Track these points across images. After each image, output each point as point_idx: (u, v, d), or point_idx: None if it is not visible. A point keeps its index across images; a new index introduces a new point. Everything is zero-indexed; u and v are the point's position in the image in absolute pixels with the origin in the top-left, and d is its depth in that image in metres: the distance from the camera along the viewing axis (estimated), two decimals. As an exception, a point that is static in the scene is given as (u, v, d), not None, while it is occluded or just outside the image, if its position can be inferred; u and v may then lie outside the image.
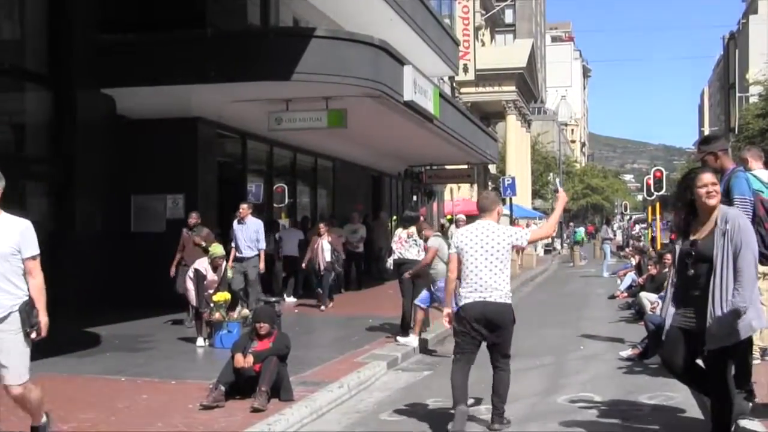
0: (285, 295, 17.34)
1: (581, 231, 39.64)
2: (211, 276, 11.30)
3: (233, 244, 13.65)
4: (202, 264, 11.37)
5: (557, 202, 7.65)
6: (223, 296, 11.24)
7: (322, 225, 16.57)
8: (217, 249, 11.51)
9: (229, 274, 12.30)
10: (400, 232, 12.56)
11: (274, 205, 20.41)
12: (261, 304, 10.72)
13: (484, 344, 7.20)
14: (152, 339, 11.77)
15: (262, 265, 13.56)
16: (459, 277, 6.98)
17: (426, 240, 11.83)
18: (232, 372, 7.69)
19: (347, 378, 8.80)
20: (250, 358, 7.71)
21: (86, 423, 6.91)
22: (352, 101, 15.30)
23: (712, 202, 5.64)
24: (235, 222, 13.78)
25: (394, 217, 27.86)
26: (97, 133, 14.76)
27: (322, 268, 16.09)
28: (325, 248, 16.05)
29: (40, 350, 9.62)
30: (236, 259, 13.51)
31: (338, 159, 23.88)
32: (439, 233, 11.90)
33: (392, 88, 15.32)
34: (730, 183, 6.79)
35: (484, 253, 6.90)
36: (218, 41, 14.57)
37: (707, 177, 5.69)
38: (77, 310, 13.04)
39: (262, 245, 13.67)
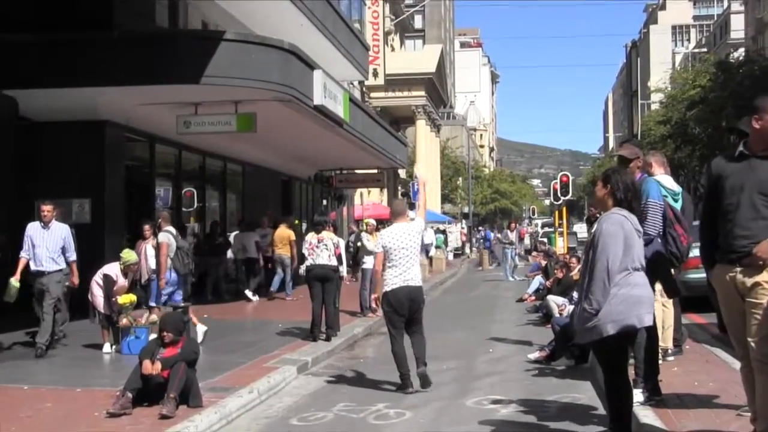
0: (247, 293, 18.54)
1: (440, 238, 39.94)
2: (121, 282, 11.15)
3: (24, 254, 10.97)
4: (113, 269, 11.20)
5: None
6: (129, 298, 11.12)
7: (146, 226, 12.96)
8: (130, 255, 11.38)
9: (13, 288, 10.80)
10: (311, 238, 12.62)
11: (183, 209, 20.20)
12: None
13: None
14: (57, 345, 11.50)
15: (75, 279, 11.20)
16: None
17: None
18: (139, 378, 7.62)
19: (257, 383, 8.81)
20: (158, 365, 7.67)
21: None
22: (262, 105, 15.27)
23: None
24: (35, 226, 11.09)
25: (297, 222, 27.82)
26: (-3, 135, 14.36)
27: (144, 277, 12.56)
28: (149, 254, 12.58)
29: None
30: (33, 274, 10.95)
31: (248, 163, 23.76)
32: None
33: (302, 92, 15.38)
34: (643, 188, 7.13)
35: (407, 249, 8.83)
36: (125, 43, 14.38)
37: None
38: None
39: (72, 256, 11.14)
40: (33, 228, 11.09)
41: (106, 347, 11.01)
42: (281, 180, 27.81)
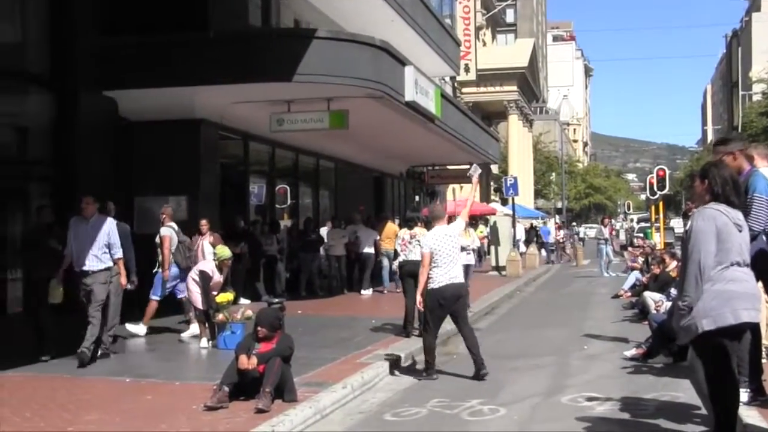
0: (362, 290, 19.12)
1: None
2: (217, 278, 11.34)
3: (68, 251, 10.24)
4: (208, 266, 11.42)
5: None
6: (226, 297, 11.29)
7: (204, 221, 13.10)
8: (224, 251, 11.56)
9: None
10: (403, 234, 12.60)
11: (277, 206, 20.47)
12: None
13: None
14: (156, 340, 11.82)
15: (123, 280, 10.43)
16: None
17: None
18: (235, 373, 7.72)
19: (351, 379, 8.84)
20: (254, 360, 7.75)
21: (91, 425, 6.95)
22: (354, 102, 15.35)
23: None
24: (76, 221, 10.34)
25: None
26: (99, 136, 14.81)
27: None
28: (206, 250, 12.55)
29: (45, 351, 9.75)
30: (77, 274, 10.13)
31: (340, 159, 23.93)
32: None
33: (393, 88, 15.37)
34: (750, 182, 6.84)
35: (449, 250, 9.50)
36: (220, 43, 14.62)
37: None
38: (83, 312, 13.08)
39: (118, 252, 10.29)
40: (74, 222, 10.25)
41: (203, 342, 11.21)
42: (373, 176, 27.93)
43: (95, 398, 8.01)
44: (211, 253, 12.10)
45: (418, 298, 9.63)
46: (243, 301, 15.54)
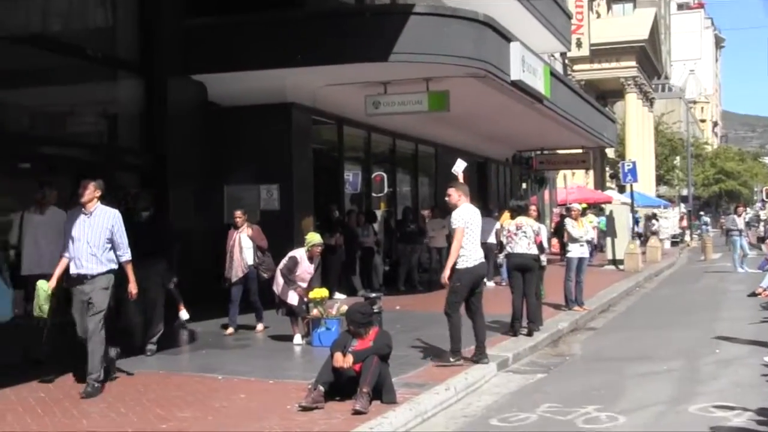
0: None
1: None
2: (305, 266, 11.53)
3: (66, 252, 8.73)
4: (298, 252, 11.62)
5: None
6: (320, 293, 11.49)
7: (239, 212, 12.75)
8: (314, 237, 11.72)
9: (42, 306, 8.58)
10: (508, 224, 12.61)
11: (373, 194, 20.65)
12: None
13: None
14: (249, 336, 12.17)
15: (132, 287, 8.91)
16: None
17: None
18: (331, 372, 7.88)
19: (454, 380, 8.91)
20: (350, 358, 7.90)
21: (184, 422, 7.26)
22: (455, 82, 15.35)
23: None
24: (75, 213, 8.84)
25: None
26: (188, 122, 15.29)
27: (239, 274, 12.38)
28: (244, 245, 12.43)
29: (136, 348, 10.19)
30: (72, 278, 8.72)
31: (441, 144, 23.92)
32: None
33: (498, 66, 15.31)
34: None
35: (477, 228, 10.07)
36: (312, 21, 14.85)
37: None
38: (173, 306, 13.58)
39: (125, 254, 8.77)
40: (72, 216, 8.81)
41: (297, 339, 11.47)
42: (476, 162, 27.82)
43: (188, 395, 8.34)
44: (249, 248, 12.30)
45: (446, 273, 9.80)
46: (338, 295, 15.82)
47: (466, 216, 9.95)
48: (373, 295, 11.46)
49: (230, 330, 12.32)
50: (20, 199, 10.80)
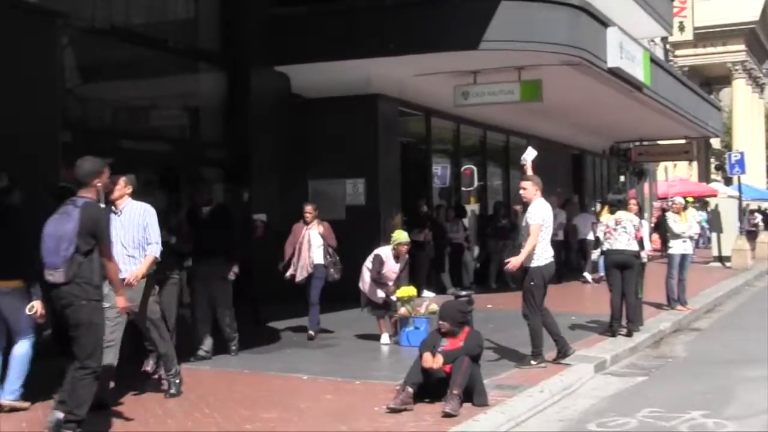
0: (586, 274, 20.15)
1: None
2: (391, 265, 11.49)
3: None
4: (384, 251, 11.60)
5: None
6: (408, 292, 11.47)
7: (309, 207, 12.17)
8: (400, 235, 11.71)
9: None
10: (607, 219, 12.40)
11: (462, 188, 20.59)
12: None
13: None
14: (335, 335, 12.23)
15: (132, 278, 7.75)
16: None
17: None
18: (420, 372, 7.86)
19: (548, 382, 8.82)
20: (440, 358, 7.87)
21: (269, 423, 7.33)
22: (548, 70, 15.22)
23: None
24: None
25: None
26: (271, 115, 15.46)
27: (304, 273, 11.89)
28: (314, 242, 11.99)
29: (219, 347, 10.33)
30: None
31: (533, 136, 23.69)
32: None
33: (594, 53, 15.09)
34: None
35: (551, 226, 10.10)
36: (398, 9, 14.84)
37: None
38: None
39: (154, 249, 7.98)
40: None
41: (384, 338, 11.48)
42: (571, 154, 27.56)
43: (273, 395, 8.42)
44: (320, 246, 11.83)
45: (516, 264, 9.77)
46: (427, 293, 15.80)
47: (544, 212, 9.95)
48: (464, 293, 11.39)
49: (311, 333, 11.95)
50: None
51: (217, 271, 10.17)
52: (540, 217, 9.86)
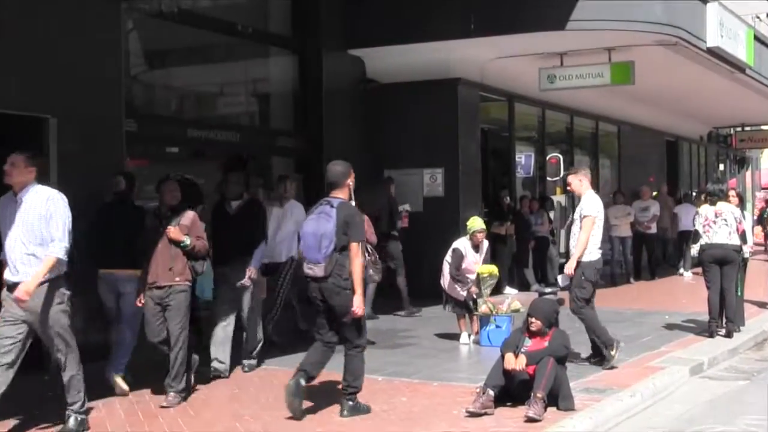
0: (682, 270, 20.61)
1: None
2: (471, 257, 11.34)
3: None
4: (461, 243, 11.46)
5: None
6: (488, 269, 11.35)
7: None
8: (474, 222, 11.47)
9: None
10: (706, 211, 12.15)
11: (548, 178, 20.43)
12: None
13: None
14: (412, 334, 12.22)
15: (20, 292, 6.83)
16: None
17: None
18: (501, 374, 7.81)
19: (639, 385, 8.72)
20: (523, 359, 7.81)
21: (342, 427, 7.37)
22: (641, 51, 15.03)
23: None
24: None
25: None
26: (345, 101, 15.49)
27: None
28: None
29: (290, 347, 10.39)
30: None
31: (624, 122, 23.46)
32: None
33: (691, 32, 14.82)
34: None
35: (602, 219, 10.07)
36: (480, -12, 14.76)
37: None
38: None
39: (56, 247, 6.92)
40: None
41: (464, 337, 11.43)
42: (665, 141, 27.15)
43: (345, 397, 8.44)
44: None
45: (572, 264, 9.84)
46: (509, 290, 15.70)
47: (597, 205, 10.01)
48: (549, 290, 11.29)
49: None
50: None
51: (241, 275, 9.39)
52: (595, 209, 9.93)
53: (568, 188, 10.57)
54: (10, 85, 9.21)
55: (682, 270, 20.58)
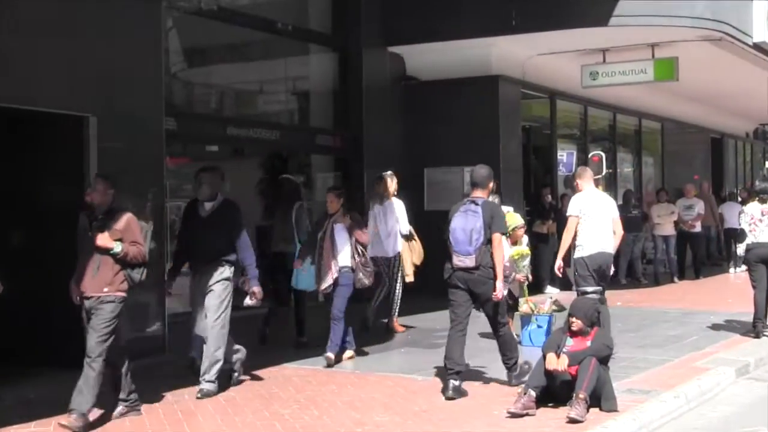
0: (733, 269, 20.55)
1: None
2: (507, 248, 11.11)
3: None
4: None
5: None
6: (519, 252, 11.21)
7: (332, 194, 10.41)
8: (513, 218, 11.32)
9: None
10: (752, 209, 11.99)
11: (590, 176, 20.29)
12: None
13: None
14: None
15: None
16: None
17: None
18: (543, 375, 7.78)
19: (684, 387, 8.63)
20: (565, 359, 7.75)
21: (381, 427, 7.35)
22: (685, 47, 14.96)
23: None
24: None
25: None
26: (385, 98, 15.49)
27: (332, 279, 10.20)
28: (338, 238, 10.17)
29: (318, 348, 10.39)
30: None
31: (668, 119, 23.28)
32: None
33: (737, 27, 14.67)
34: None
35: (598, 216, 10.14)
36: (521, -16, 14.70)
37: None
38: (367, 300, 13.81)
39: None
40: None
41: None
42: (710, 138, 26.91)
43: (384, 397, 8.44)
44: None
45: (558, 263, 10.40)
46: (550, 290, 15.62)
47: (580, 203, 10.20)
48: (591, 289, 11.18)
49: (329, 356, 10.00)
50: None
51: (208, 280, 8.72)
52: (576, 208, 10.16)
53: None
54: (51, 83, 9.28)
55: (732, 269, 20.52)
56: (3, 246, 9.70)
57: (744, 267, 18.85)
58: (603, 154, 20.65)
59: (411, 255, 12.40)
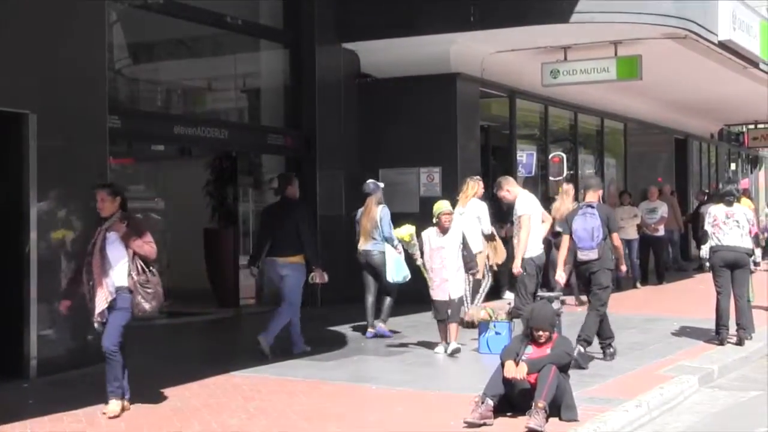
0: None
1: None
2: (435, 243, 10.88)
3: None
4: (426, 231, 11.03)
5: None
6: (400, 234, 11.31)
7: (104, 192, 8.23)
8: (440, 205, 10.91)
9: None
10: (716, 211, 12.12)
11: (550, 178, 20.41)
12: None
13: None
14: (406, 341, 12.18)
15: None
16: None
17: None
18: (501, 383, 7.78)
19: (646, 395, 8.68)
20: (524, 367, 7.77)
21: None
22: (649, 45, 15.08)
23: None
24: None
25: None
26: (339, 97, 15.50)
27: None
28: (111, 250, 8.27)
29: (277, 353, 10.37)
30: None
31: (631, 119, 23.46)
32: None
33: (702, 24, 14.83)
34: None
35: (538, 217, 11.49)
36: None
37: None
38: (320, 306, 13.80)
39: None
40: None
41: (438, 348, 11.15)
42: (674, 139, 27.15)
43: (338, 407, 8.42)
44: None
45: (517, 262, 11.17)
46: (508, 295, 15.66)
47: (532, 203, 11.47)
48: (552, 294, 11.23)
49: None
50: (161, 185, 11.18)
51: None
52: (529, 208, 11.28)
53: (504, 201, 11.77)
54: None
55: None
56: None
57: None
58: (564, 155, 20.79)
59: (494, 255, 13.37)
